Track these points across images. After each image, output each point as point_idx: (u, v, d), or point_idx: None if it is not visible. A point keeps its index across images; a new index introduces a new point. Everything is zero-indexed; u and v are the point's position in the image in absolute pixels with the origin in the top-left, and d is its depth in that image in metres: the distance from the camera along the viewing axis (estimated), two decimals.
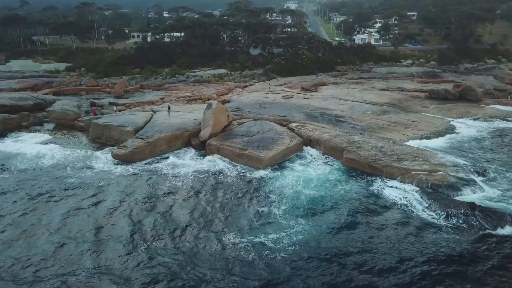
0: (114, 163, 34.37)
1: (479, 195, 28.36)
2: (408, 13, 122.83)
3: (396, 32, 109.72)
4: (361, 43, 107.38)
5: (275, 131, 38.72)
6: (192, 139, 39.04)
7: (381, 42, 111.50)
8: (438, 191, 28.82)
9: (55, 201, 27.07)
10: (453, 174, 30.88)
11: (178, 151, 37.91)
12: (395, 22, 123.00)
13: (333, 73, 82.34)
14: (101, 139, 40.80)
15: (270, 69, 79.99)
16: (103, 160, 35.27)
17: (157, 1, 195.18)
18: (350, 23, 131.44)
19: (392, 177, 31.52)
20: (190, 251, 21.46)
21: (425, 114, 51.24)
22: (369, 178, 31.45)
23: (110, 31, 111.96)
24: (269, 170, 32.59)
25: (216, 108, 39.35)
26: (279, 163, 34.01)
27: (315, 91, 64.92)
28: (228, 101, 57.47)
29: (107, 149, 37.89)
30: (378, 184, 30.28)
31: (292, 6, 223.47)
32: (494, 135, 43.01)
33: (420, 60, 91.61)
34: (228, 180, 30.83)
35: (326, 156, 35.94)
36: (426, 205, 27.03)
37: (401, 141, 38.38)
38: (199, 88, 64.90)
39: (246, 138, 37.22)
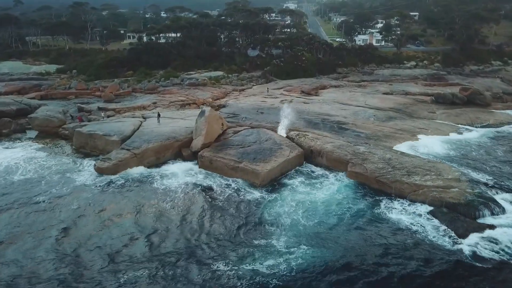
0: (96, 177, 31.35)
1: (500, 217, 25.43)
2: (410, 13, 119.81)
3: (398, 32, 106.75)
4: (363, 44, 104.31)
5: (273, 141, 35.69)
6: (183, 150, 36.01)
7: (383, 43, 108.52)
8: (454, 211, 25.90)
9: (18, 229, 23.40)
10: (469, 190, 27.92)
11: (168, 162, 34.89)
12: (397, 22, 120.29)
13: (334, 75, 79.30)
14: (86, 149, 37.81)
15: (268, 71, 76.91)
16: (85, 173, 32.26)
17: (155, 1, 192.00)
18: (350, 23, 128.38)
19: (402, 194, 28.65)
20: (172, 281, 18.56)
21: (433, 120, 48.20)
22: (377, 197, 28.38)
23: (104, 32, 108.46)
24: (266, 190, 29.20)
25: (209, 116, 36.31)
26: (278, 180, 30.91)
27: (316, 95, 61.88)
28: (224, 106, 54.49)
29: (90, 160, 34.93)
30: (387, 205, 27.23)
31: (292, 6, 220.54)
32: (511, 145, 39.92)
33: (424, 61, 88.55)
34: (220, 201, 27.59)
35: (330, 170, 32.84)
36: (442, 229, 24.08)
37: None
38: (194, 91, 61.82)
39: (241, 148, 34.18)
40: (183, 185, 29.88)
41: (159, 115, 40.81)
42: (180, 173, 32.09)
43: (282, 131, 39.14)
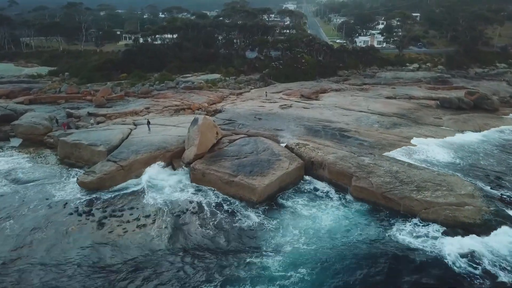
0: (78, 192, 28.86)
1: None
2: (412, 14, 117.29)
3: (400, 34, 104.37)
4: (364, 45, 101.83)
5: (271, 151, 33.21)
6: (175, 161, 33.53)
7: (384, 44, 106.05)
8: (470, 232, 23.49)
9: None
10: (485, 208, 25.51)
11: (157, 175, 32.38)
12: (398, 23, 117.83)
13: (334, 78, 76.83)
14: (71, 160, 35.32)
15: (267, 74, 74.44)
16: (67, 188, 29.77)
17: (154, 1, 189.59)
18: (351, 24, 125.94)
19: (412, 211, 26.27)
20: None
21: (440, 127, 45.80)
22: (386, 217, 26.03)
23: (99, 33, 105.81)
24: (264, 214, 26.34)
25: (203, 125, 33.84)
26: (276, 199, 28.33)
27: (316, 99, 59.44)
28: (220, 111, 52.05)
29: (75, 172, 32.51)
30: (398, 227, 24.79)
31: (291, 7, 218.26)
32: None
33: (427, 64, 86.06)
34: (210, 229, 24.52)
35: (333, 185, 30.37)
36: (460, 253, 21.62)
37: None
38: (189, 95, 59.32)
39: (237, 160, 31.70)
40: (170, 204, 27.24)
41: (148, 122, 38.29)
42: (168, 188, 29.44)
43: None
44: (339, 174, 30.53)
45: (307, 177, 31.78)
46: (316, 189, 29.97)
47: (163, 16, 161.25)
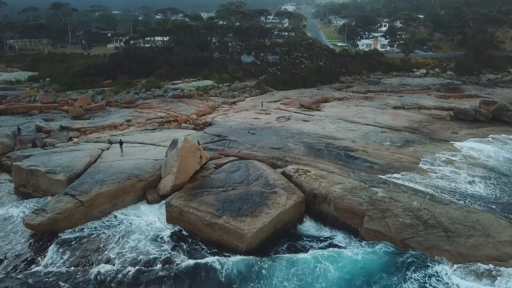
0: (29, 236, 23.27)
1: None
2: (419, 16, 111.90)
3: (404, 36, 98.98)
4: (367, 49, 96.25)
5: (265, 181, 27.58)
6: (149, 192, 27.91)
7: (388, 48, 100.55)
8: None
9: None
10: None
11: (127, 209, 26.81)
12: (401, 25, 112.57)
13: (336, 85, 71.21)
14: (27, 188, 29.69)
15: (263, 80, 68.79)
16: (17, 229, 24.11)
17: (150, 2, 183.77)
18: (352, 26, 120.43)
19: (440, 262, 20.70)
20: None
21: (460, 143, 40.25)
22: (410, 273, 20.23)
23: (86, 35, 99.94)
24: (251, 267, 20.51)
25: (183, 148, 28.21)
26: (271, 247, 22.63)
27: (317, 110, 53.88)
28: (210, 124, 46.53)
29: (30, 204, 26.94)
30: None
31: (290, 8, 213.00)
32: None
33: (435, 69, 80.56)
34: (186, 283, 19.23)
35: (341, 225, 24.77)
36: None
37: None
38: (177, 105, 53.67)
39: (223, 193, 26.05)
40: (139, 250, 21.65)
41: (121, 143, 32.55)
42: (134, 237, 23.29)
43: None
44: (348, 212, 24.93)
45: (307, 218, 26.14)
46: (319, 238, 24.19)
47: (159, 17, 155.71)
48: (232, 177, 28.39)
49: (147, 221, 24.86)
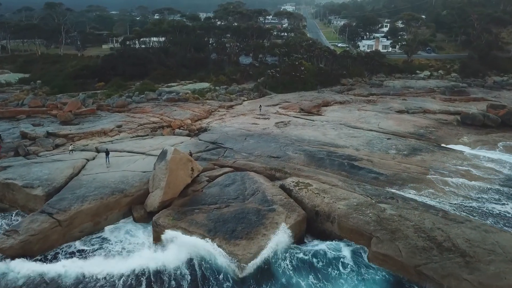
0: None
1: None
2: (422, 16, 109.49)
3: (406, 37, 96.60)
4: (368, 50, 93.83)
5: (262, 196, 25.23)
6: (135, 209, 25.50)
7: (389, 49, 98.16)
8: None
9: None
10: None
11: (111, 227, 24.42)
12: (402, 26, 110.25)
13: (337, 87, 68.85)
14: (4, 203, 27.28)
15: (262, 83, 66.40)
16: None
17: (148, 3, 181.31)
18: (353, 27, 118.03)
19: None
20: None
21: (469, 151, 37.92)
22: None
23: (80, 35, 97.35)
24: None
25: (173, 160, 25.85)
26: (268, 274, 20.20)
27: (318, 114, 51.60)
28: (205, 130, 44.18)
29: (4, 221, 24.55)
30: None
31: (289, 8, 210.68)
32: None
33: (439, 71, 78.19)
34: None
35: (346, 246, 22.38)
36: None
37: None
38: (171, 110, 51.27)
39: (216, 211, 23.69)
40: (123, 273, 19.32)
41: (107, 153, 30.12)
42: (114, 263, 20.67)
43: None
44: (354, 233, 22.59)
45: (309, 237, 23.76)
46: (323, 253, 21.81)
47: (157, 17, 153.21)
48: (227, 191, 26.03)
49: (131, 243, 22.41)
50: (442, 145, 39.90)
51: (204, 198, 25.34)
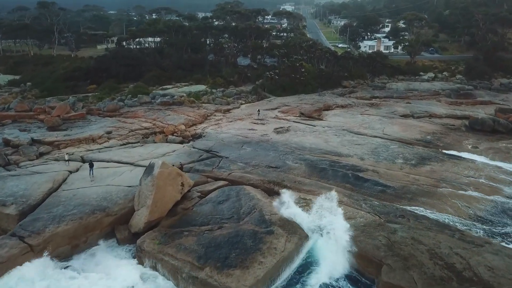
0: None
1: None
2: (425, 16, 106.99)
3: (407, 37, 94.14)
4: (369, 51, 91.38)
5: (259, 215, 22.79)
6: (118, 229, 22.99)
7: (392, 50, 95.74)
8: None
9: None
10: None
11: (90, 251, 21.91)
12: (404, 26, 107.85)
13: (339, 90, 66.37)
14: None
15: (260, 86, 63.92)
16: None
17: (146, 3, 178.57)
18: (354, 27, 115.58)
19: None
20: None
21: (481, 159, 35.48)
22: None
23: (74, 36, 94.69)
24: None
25: (161, 175, 23.36)
26: None
27: (319, 118, 49.17)
28: (200, 136, 41.73)
29: None
30: None
31: (288, 8, 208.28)
32: None
33: (444, 73, 75.75)
34: None
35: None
36: None
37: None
38: (165, 114, 48.78)
39: (208, 233, 21.22)
40: None
41: (91, 165, 27.60)
42: (99, 280, 18.73)
43: None
44: (361, 259, 20.17)
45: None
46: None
47: (153, 17, 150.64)
48: (220, 210, 23.57)
49: (113, 273, 19.82)
50: (452, 152, 37.59)
51: (195, 217, 22.88)
